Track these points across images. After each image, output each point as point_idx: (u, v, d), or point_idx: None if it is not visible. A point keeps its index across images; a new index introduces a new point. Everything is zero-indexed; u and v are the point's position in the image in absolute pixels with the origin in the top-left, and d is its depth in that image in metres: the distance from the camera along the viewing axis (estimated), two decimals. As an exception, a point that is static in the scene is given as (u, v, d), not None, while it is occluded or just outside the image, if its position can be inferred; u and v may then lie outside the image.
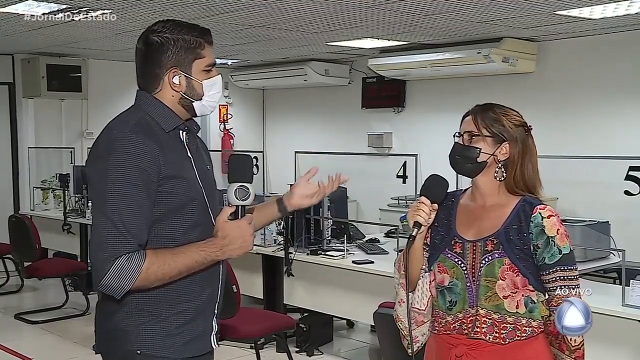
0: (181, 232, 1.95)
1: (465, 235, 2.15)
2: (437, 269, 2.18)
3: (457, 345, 2.11)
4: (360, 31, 6.17)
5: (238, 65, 9.04)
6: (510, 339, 2.07)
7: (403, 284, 2.21)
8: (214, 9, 5.16)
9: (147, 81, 2.02)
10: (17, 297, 7.30)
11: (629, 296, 3.54)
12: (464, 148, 2.15)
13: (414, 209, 2.13)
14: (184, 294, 1.97)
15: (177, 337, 1.97)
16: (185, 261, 1.90)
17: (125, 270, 1.82)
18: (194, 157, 2.04)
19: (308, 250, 5.14)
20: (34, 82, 7.93)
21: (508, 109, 2.17)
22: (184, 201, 1.95)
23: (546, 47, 6.74)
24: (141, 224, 1.87)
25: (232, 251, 1.97)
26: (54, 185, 7.94)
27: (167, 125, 1.99)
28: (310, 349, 5.20)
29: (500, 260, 2.07)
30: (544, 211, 2.08)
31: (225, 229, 1.95)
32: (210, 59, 2.03)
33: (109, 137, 1.91)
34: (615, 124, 6.35)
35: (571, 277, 2.07)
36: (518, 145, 2.12)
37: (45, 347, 5.63)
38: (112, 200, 1.84)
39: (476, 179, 2.17)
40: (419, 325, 2.23)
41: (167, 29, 1.99)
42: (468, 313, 2.10)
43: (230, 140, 9.51)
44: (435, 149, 7.04)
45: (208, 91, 2.03)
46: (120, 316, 1.95)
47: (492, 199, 2.16)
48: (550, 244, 2.06)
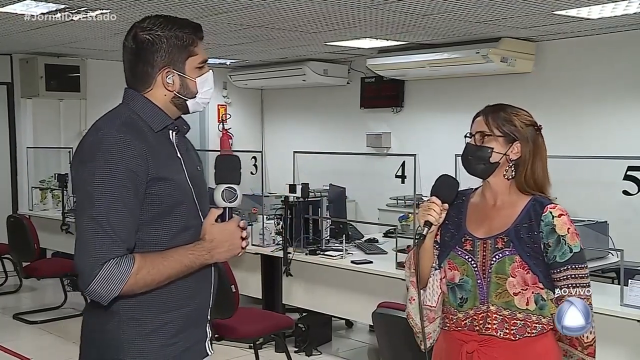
0: (170, 235, 1.87)
1: (476, 233, 2.18)
2: (447, 266, 2.21)
3: (469, 342, 2.14)
4: (358, 31, 6.17)
5: (237, 65, 9.04)
6: (520, 335, 2.10)
7: (414, 282, 2.24)
8: (213, 9, 5.16)
9: (137, 80, 1.94)
10: (15, 297, 7.29)
11: (628, 296, 3.55)
12: (476, 148, 2.17)
13: (425, 209, 2.15)
14: (174, 300, 1.90)
15: (172, 348, 1.91)
16: (174, 265, 1.83)
17: (114, 275, 1.74)
18: (183, 158, 1.96)
19: (307, 250, 5.14)
20: (33, 82, 7.92)
21: (518, 109, 2.20)
22: (173, 204, 1.87)
23: (544, 47, 6.75)
24: (129, 227, 1.79)
25: (220, 254, 1.91)
26: (52, 185, 7.93)
27: (156, 124, 1.92)
28: (309, 349, 5.20)
29: (511, 258, 2.09)
30: (555, 210, 2.11)
31: (212, 232, 1.90)
32: (203, 56, 1.98)
33: (95, 137, 1.83)
34: (613, 123, 6.35)
35: (582, 276, 2.09)
36: (529, 145, 2.16)
37: (44, 347, 5.63)
38: (99, 202, 1.75)
39: (488, 178, 2.19)
40: (430, 321, 2.26)
41: (158, 26, 1.91)
42: (479, 310, 2.13)
43: (228, 140, 9.49)
44: (434, 148, 7.10)
45: (201, 88, 1.98)
46: (112, 325, 1.87)
47: (503, 197, 2.19)
48: (561, 243, 2.08)
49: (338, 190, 6.19)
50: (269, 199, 6.54)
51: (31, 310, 6.57)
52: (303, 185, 5.22)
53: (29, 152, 8.13)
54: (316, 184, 6.94)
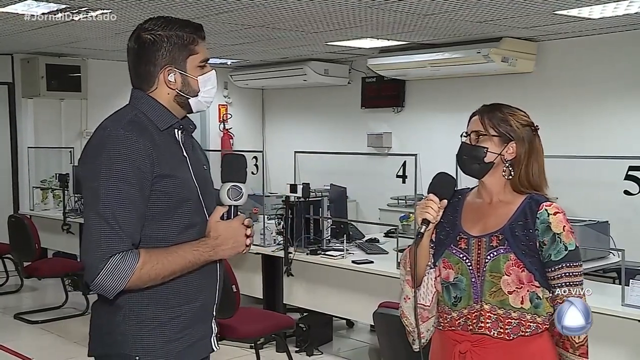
0: (175, 232, 1.91)
1: (471, 231, 2.17)
2: (442, 265, 2.19)
3: (462, 342, 2.12)
4: (359, 31, 6.17)
5: (237, 65, 9.04)
6: (515, 334, 2.08)
7: (409, 281, 2.23)
8: (214, 9, 5.16)
9: (141, 80, 1.99)
10: (16, 297, 7.29)
11: (629, 296, 3.55)
12: (471, 148, 2.16)
13: (423, 207, 2.14)
14: (180, 296, 1.93)
15: (177, 343, 1.94)
16: (179, 260, 1.87)
17: (119, 270, 1.78)
18: (189, 157, 2.01)
19: (308, 250, 5.14)
20: (34, 82, 7.93)
21: (515, 109, 2.19)
22: (178, 201, 1.91)
23: (545, 46, 6.74)
24: (134, 222, 1.83)
25: (225, 251, 1.95)
26: (53, 185, 7.93)
27: (162, 123, 1.96)
28: (309, 349, 5.20)
29: (505, 256, 2.08)
30: (550, 208, 2.10)
31: (217, 229, 1.93)
32: (204, 55, 2.01)
33: (102, 136, 1.88)
34: (614, 123, 6.35)
35: (576, 274, 2.08)
36: (525, 145, 2.14)
37: (45, 347, 5.63)
38: (105, 198, 1.80)
39: (483, 178, 2.19)
40: (424, 321, 2.25)
41: (159, 26, 1.96)
42: (472, 309, 2.12)
43: (229, 140, 9.50)
44: (434, 148, 7.09)
45: (204, 87, 2.01)
46: (118, 320, 1.90)
47: (499, 196, 2.18)
48: (556, 241, 2.07)
49: (339, 190, 6.19)
50: (270, 199, 6.54)
51: (32, 310, 6.57)
52: (304, 185, 5.22)
53: (30, 152, 8.14)
54: (317, 184, 6.95)
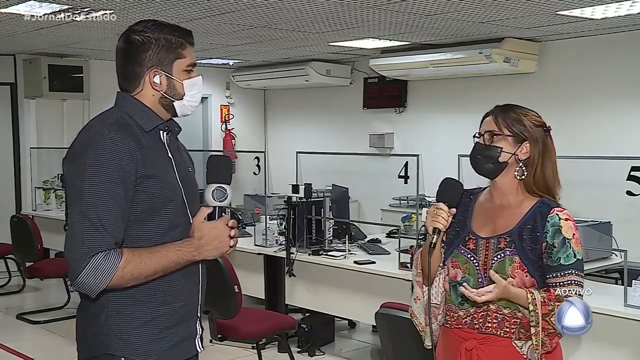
0: (158, 232, 1.92)
1: (480, 232, 2.19)
2: (450, 264, 2.22)
3: (468, 339, 2.15)
4: (361, 31, 6.17)
5: (239, 66, 9.04)
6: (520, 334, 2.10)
7: (420, 282, 2.26)
8: (215, 10, 5.16)
9: (127, 81, 2.00)
10: (19, 297, 7.30)
11: (631, 296, 3.54)
12: (485, 147, 2.18)
13: (433, 216, 2.15)
14: (162, 296, 1.95)
15: (161, 342, 1.95)
16: (162, 260, 1.88)
17: (102, 268, 1.79)
18: (174, 158, 2.02)
19: (309, 250, 5.14)
20: (36, 83, 7.94)
21: (527, 110, 2.21)
22: (162, 201, 1.92)
23: (548, 47, 6.73)
24: (118, 221, 1.83)
25: (208, 252, 1.96)
26: (55, 185, 7.95)
27: (147, 124, 1.97)
28: (311, 349, 5.20)
29: (511, 258, 2.10)
30: (562, 213, 2.12)
31: (201, 230, 1.95)
32: (191, 59, 2.03)
33: (87, 135, 1.89)
34: (617, 123, 6.34)
35: (581, 283, 2.09)
36: (538, 146, 2.16)
37: (47, 348, 5.64)
38: (88, 197, 1.80)
39: (496, 178, 2.19)
40: (436, 319, 2.27)
41: (149, 29, 1.98)
42: (479, 308, 2.14)
43: (231, 141, 9.51)
44: (437, 149, 7.10)
45: (189, 91, 2.03)
46: (101, 320, 1.91)
47: (510, 198, 2.19)
48: (566, 245, 2.08)
49: (341, 190, 6.19)
50: (272, 199, 6.54)
51: (34, 310, 6.59)
52: (306, 185, 5.22)
53: (32, 152, 8.16)
54: (319, 184, 6.94)
